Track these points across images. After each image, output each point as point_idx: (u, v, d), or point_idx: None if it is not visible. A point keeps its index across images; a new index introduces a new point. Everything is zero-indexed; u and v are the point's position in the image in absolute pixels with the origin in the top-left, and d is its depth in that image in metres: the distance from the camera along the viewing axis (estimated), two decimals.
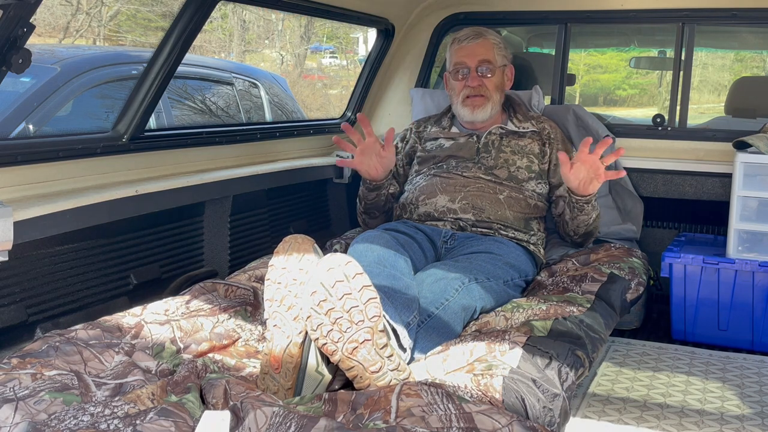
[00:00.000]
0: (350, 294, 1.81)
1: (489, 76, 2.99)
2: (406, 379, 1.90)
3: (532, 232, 2.87)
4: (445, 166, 2.98)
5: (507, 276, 2.54)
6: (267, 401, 1.66)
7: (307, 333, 1.89)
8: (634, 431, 2.37)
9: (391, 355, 1.88)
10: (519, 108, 3.18)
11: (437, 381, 1.82)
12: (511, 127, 3.08)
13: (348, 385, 1.95)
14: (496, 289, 2.43)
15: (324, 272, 1.82)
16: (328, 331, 1.81)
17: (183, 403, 1.66)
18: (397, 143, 3.22)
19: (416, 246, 2.62)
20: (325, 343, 1.83)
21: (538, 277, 2.76)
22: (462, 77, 3.00)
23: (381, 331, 1.86)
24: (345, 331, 1.81)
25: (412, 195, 2.96)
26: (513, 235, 2.80)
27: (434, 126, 3.18)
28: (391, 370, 1.87)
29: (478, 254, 2.58)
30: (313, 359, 1.89)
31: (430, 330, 2.17)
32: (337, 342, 1.81)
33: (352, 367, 1.84)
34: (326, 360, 1.90)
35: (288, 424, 1.53)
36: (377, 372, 1.84)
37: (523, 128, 3.07)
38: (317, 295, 1.81)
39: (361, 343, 1.82)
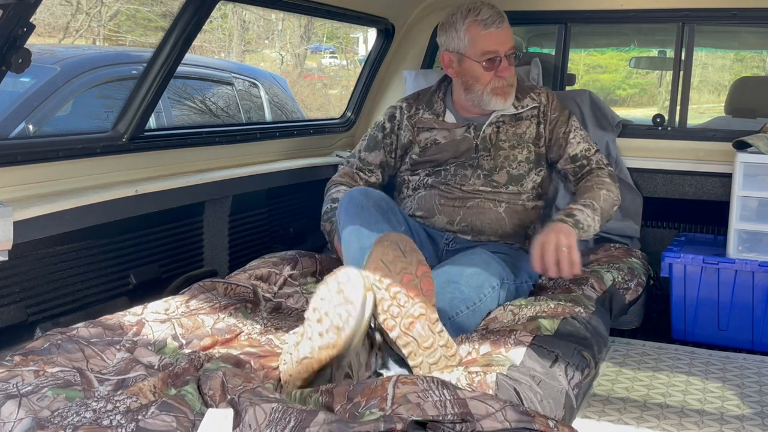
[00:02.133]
0: (407, 269, 1.88)
1: (515, 63, 2.77)
2: (453, 355, 1.94)
3: (529, 240, 2.80)
4: (443, 173, 2.81)
5: (524, 277, 2.57)
6: (264, 396, 1.67)
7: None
8: (634, 431, 2.37)
9: (441, 331, 1.92)
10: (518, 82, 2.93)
11: (432, 375, 1.84)
12: (511, 110, 2.84)
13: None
14: (514, 293, 2.46)
15: (383, 248, 1.88)
16: (389, 306, 1.86)
17: (182, 395, 1.68)
18: (384, 123, 2.93)
19: (420, 244, 2.63)
20: (386, 319, 1.87)
21: (540, 280, 2.77)
22: (492, 65, 2.71)
23: (433, 305, 1.91)
24: (403, 306, 1.86)
25: (409, 208, 2.82)
26: (511, 242, 2.78)
27: (426, 111, 2.90)
28: (441, 346, 1.91)
29: (496, 254, 2.53)
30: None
31: (455, 326, 2.18)
32: (396, 317, 1.86)
33: (408, 344, 1.87)
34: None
35: (287, 419, 1.54)
36: (429, 348, 1.88)
37: (522, 107, 2.84)
38: (378, 271, 1.87)
39: (416, 318, 1.87)
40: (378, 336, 1.92)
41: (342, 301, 1.82)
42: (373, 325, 1.92)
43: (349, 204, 2.43)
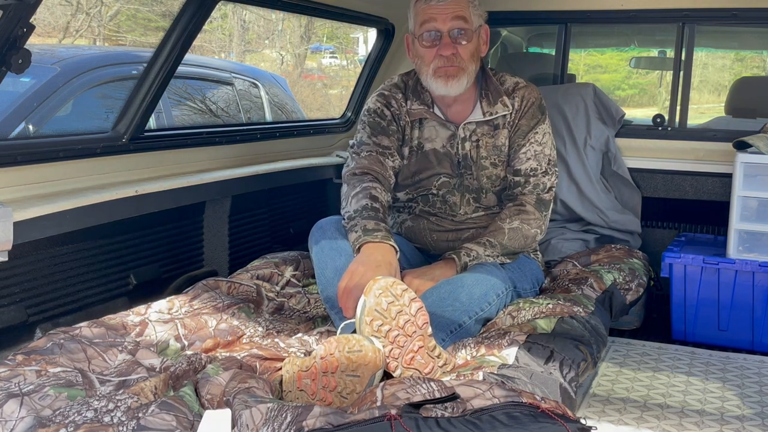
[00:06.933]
0: (402, 311, 1.92)
1: (464, 42, 2.47)
2: (451, 369, 1.98)
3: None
4: (430, 198, 2.64)
5: (529, 281, 2.57)
6: (259, 397, 1.69)
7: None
8: (634, 431, 2.37)
9: (440, 354, 1.96)
10: (490, 81, 2.62)
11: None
12: (479, 115, 2.59)
13: None
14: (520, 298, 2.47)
15: (376, 298, 1.92)
16: (390, 350, 1.90)
17: (181, 396, 1.69)
18: (381, 110, 2.64)
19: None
20: (389, 362, 1.91)
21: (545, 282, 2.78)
22: (432, 43, 2.48)
23: (429, 334, 1.95)
24: (403, 346, 1.91)
25: (391, 226, 2.70)
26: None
27: (416, 101, 2.62)
28: (440, 367, 1.95)
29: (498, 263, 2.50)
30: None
31: (455, 338, 2.19)
32: (398, 357, 1.91)
33: (410, 375, 1.90)
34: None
35: (284, 415, 1.56)
36: (429, 372, 1.92)
37: (492, 113, 2.58)
38: (375, 321, 1.91)
39: (416, 351, 1.92)
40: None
41: (351, 371, 1.85)
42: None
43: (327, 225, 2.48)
